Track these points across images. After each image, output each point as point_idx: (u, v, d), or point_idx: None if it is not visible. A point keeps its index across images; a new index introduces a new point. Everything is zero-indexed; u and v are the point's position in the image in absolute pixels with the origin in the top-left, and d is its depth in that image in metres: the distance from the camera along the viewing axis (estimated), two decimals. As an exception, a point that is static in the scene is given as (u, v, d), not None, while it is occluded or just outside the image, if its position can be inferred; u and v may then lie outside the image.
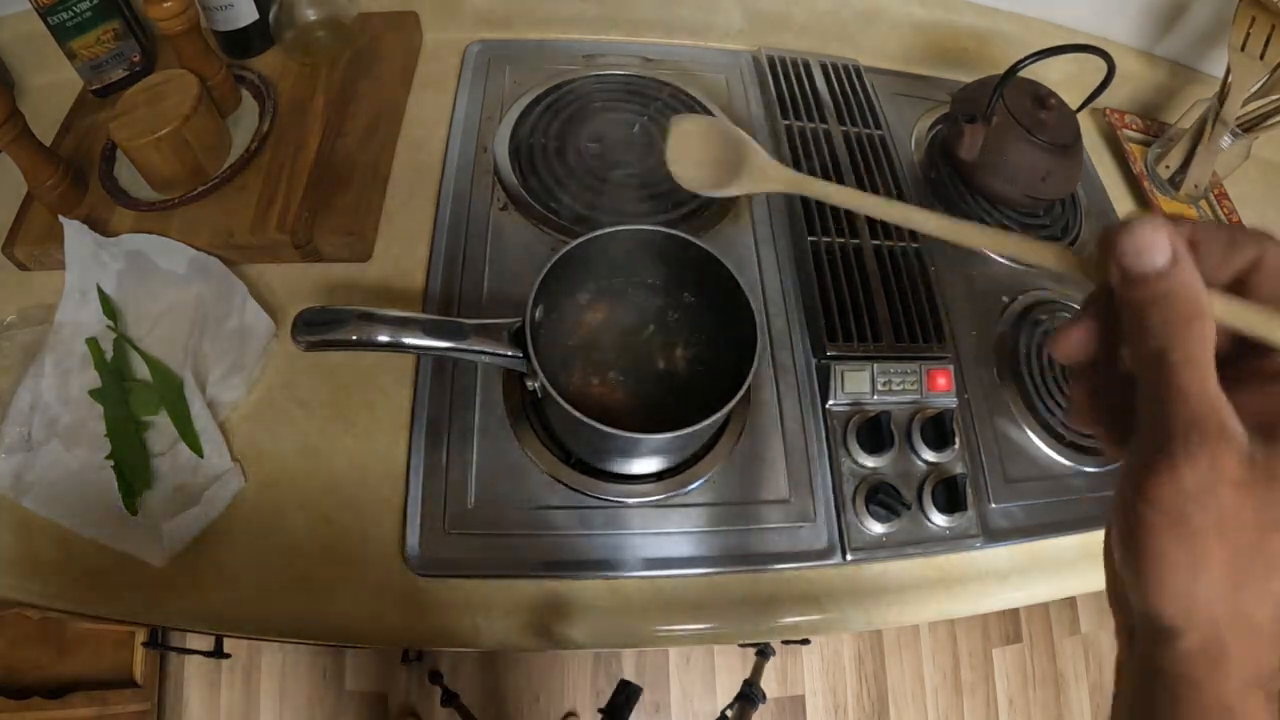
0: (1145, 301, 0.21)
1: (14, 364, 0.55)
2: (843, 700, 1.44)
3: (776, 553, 0.54)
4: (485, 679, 1.37)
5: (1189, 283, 0.21)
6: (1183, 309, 0.21)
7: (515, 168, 0.68)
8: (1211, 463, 0.21)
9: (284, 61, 0.69)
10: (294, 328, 0.44)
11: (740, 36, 0.82)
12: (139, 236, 0.57)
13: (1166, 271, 0.21)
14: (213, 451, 0.52)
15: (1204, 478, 0.21)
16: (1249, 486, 0.21)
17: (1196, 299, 0.21)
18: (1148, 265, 0.21)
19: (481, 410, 0.56)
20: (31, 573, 0.50)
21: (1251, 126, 0.74)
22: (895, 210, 0.29)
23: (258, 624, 0.49)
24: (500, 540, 0.52)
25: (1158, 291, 0.21)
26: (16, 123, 0.54)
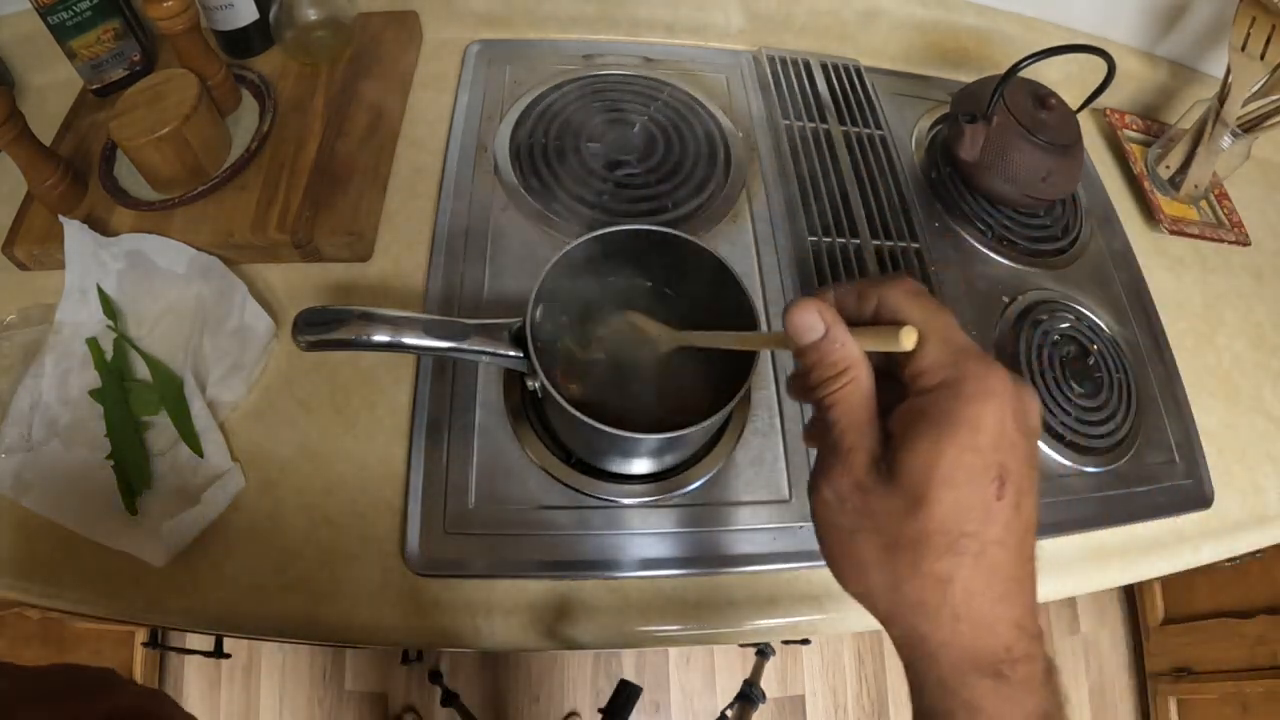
0: (809, 364, 0.28)
1: (14, 364, 0.55)
2: (843, 700, 1.44)
3: (777, 553, 0.54)
4: (485, 679, 1.37)
5: (833, 348, 0.27)
6: (830, 367, 0.27)
7: (515, 168, 0.68)
8: (843, 474, 0.27)
9: (284, 61, 0.69)
10: (294, 328, 0.44)
11: (740, 36, 0.82)
12: (139, 236, 0.57)
13: (818, 343, 0.28)
14: (213, 451, 0.52)
15: (839, 488, 0.27)
16: (875, 489, 0.26)
17: (842, 358, 0.27)
18: (806, 338, 0.28)
19: (481, 410, 0.56)
20: (31, 573, 0.50)
21: (1252, 127, 0.74)
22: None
23: (258, 624, 0.49)
24: (500, 540, 0.52)
25: (814, 358, 0.28)
26: (16, 122, 0.54)
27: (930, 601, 0.25)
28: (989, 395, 0.25)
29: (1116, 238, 0.77)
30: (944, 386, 0.26)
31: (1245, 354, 0.73)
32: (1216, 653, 1.26)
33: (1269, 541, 0.65)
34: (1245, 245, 0.80)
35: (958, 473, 0.24)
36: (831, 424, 0.28)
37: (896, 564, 0.26)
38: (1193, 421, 0.66)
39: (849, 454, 0.27)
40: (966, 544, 0.25)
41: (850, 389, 0.27)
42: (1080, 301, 0.70)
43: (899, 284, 0.28)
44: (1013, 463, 0.25)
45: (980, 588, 0.25)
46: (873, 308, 0.28)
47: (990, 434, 0.25)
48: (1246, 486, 0.65)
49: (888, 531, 0.26)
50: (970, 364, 0.26)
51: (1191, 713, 1.34)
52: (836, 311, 0.28)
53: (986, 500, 0.25)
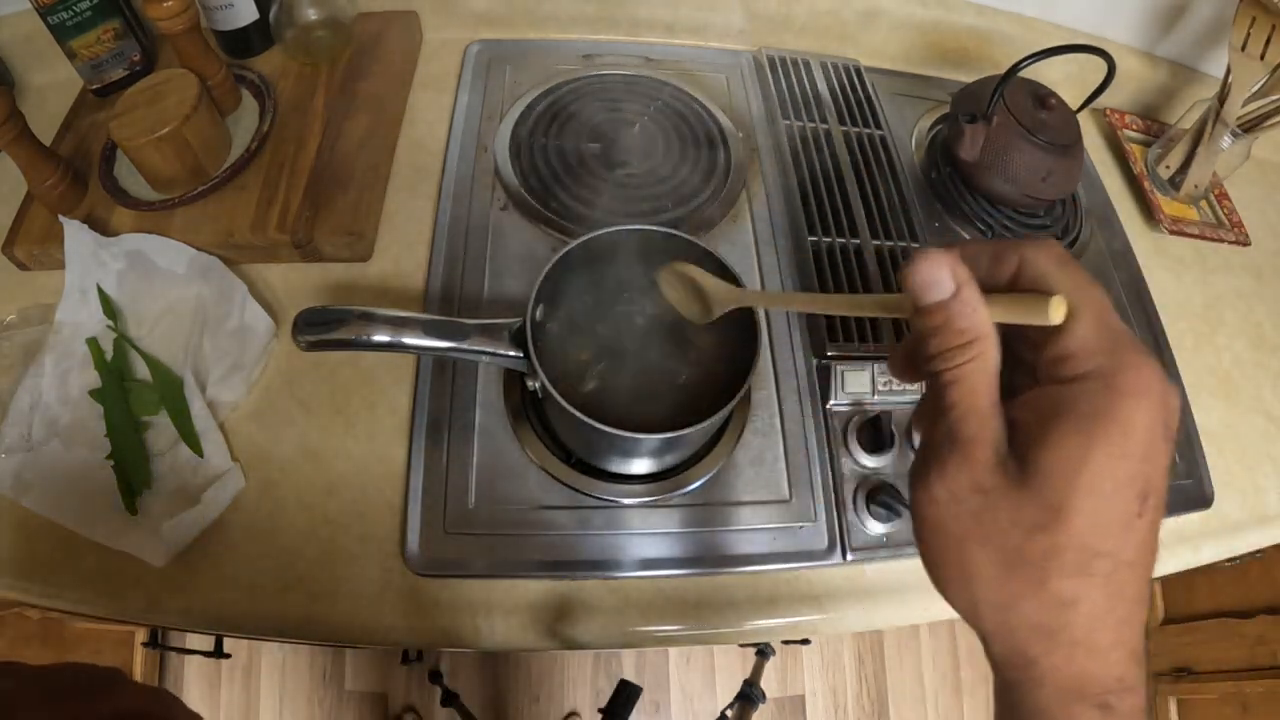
0: (930, 329, 0.23)
1: (14, 364, 0.55)
2: (843, 700, 1.44)
3: (777, 553, 0.54)
4: (485, 679, 1.37)
5: (964, 312, 0.23)
6: (957, 335, 0.23)
7: (515, 168, 0.68)
8: (961, 469, 0.23)
9: (284, 61, 0.69)
10: (294, 328, 0.44)
11: (740, 36, 0.82)
12: (139, 236, 0.57)
13: (945, 303, 0.23)
14: (213, 451, 0.52)
15: (955, 487, 0.23)
16: (1001, 493, 0.22)
17: (970, 326, 0.23)
18: (932, 298, 0.23)
19: (481, 410, 0.56)
20: (31, 573, 0.50)
21: (1252, 127, 0.74)
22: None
23: (258, 624, 0.49)
24: (500, 540, 0.52)
25: (938, 321, 0.23)
26: (16, 122, 0.54)
27: (1049, 624, 0.22)
28: (1145, 393, 0.21)
29: (1116, 238, 0.77)
30: (1094, 377, 0.22)
31: (1245, 354, 0.73)
32: (1216, 653, 1.26)
33: (1269, 541, 0.65)
34: (1245, 245, 0.80)
35: (1104, 482, 0.21)
36: (949, 406, 0.23)
37: (1015, 580, 0.23)
38: (1193, 421, 0.66)
39: (970, 446, 0.23)
40: (1100, 564, 0.22)
41: (976, 365, 0.23)
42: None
43: (1045, 247, 0.24)
44: (1158, 475, 0.22)
45: (1104, 612, 0.22)
46: (1010, 272, 0.24)
47: (1142, 440, 0.21)
48: (1246, 486, 0.65)
49: (1010, 542, 0.22)
50: (1127, 353, 0.22)
51: (1191, 713, 1.34)
52: (969, 270, 0.23)
53: (1128, 516, 0.22)
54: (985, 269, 0.24)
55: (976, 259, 0.24)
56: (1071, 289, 0.23)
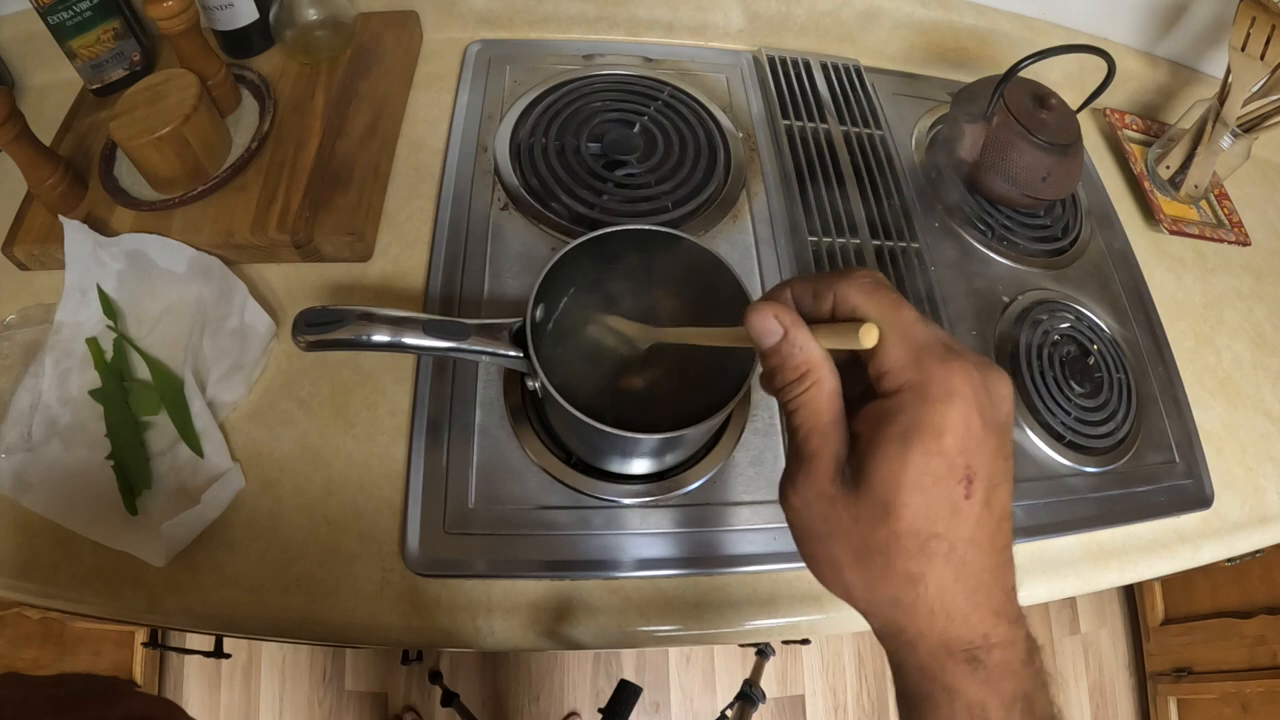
0: (770, 368, 0.28)
1: (14, 364, 0.55)
2: (843, 700, 1.45)
3: (777, 553, 0.54)
4: (485, 679, 1.37)
5: (793, 351, 0.27)
6: (792, 371, 0.27)
7: (515, 168, 0.68)
8: (808, 481, 0.27)
9: (284, 61, 0.69)
10: (294, 328, 0.44)
11: (740, 36, 0.82)
12: (139, 236, 0.57)
13: (778, 346, 0.27)
14: (213, 451, 0.52)
15: (805, 496, 0.27)
16: (842, 496, 0.26)
17: (803, 360, 0.27)
18: (766, 343, 0.28)
19: (481, 410, 0.56)
20: (31, 573, 0.50)
21: (1252, 127, 0.74)
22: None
23: (258, 624, 0.49)
24: (500, 540, 0.52)
25: (775, 362, 0.28)
26: (16, 122, 0.54)
27: (905, 598, 0.26)
28: (952, 397, 0.25)
29: (1116, 238, 0.77)
30: (907, 390, 0.25)
31: (1245, 354, 0.73)
32: (1216, 653, 1.26)
33: (1269, 541, 0.65)
34: (1245, 245, 0.80)
35: (924, 477, 0.25)
36: (795, 428, 0.27)
37: (869, 566, 0.26)
38: (1193, 421, 0.66)
39: (813, 460, 0.27)
40: (936, 545, 0.25)
41: (813, 392, 0.27)
42: (1080, 301, 0.70)
43: (855, 278, 0.27)
44: (980, 460, 0.25)
45: (952, 582, 0.25)
46: (829, 305, 0.28)
47: (956, 436, 0.25)
48: (1246, 486, 0.65)
49: (857, 536, 0.26)
50: (932, 364, 0.25)
51: (1191, 713, 1.34)
52: (795, 312, 0.28)
53: (954, 501, 0.25)
54: (809, 304, 0.28)
55: (801, 296, 0.28)
56: (879, 315, 0.26)
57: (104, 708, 0.30)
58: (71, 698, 0.30)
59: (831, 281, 0.28)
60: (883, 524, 0.25)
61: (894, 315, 0.26)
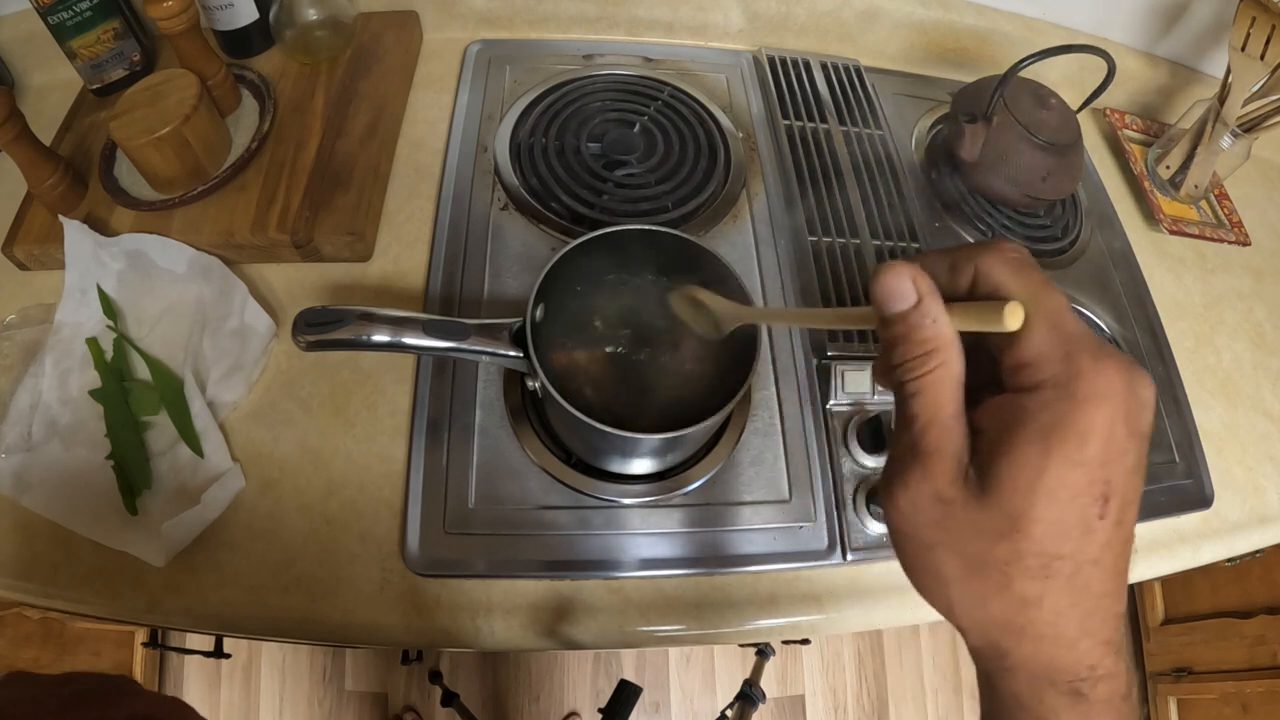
0: (893, 339, 0.24)
1: (14, 364, 0.55)
2: (843, 700, 1.44)
3: (777, 553, 0.54)
4: (485, 679, 1.37)
5: (924, 323, 0.23)
6: (918, 345, 0.23)
7: (515, 168, 0.68)
8: (923, 481, 0.24)
9: (284, 61, 0.69)
10: (294, 328, 0.44)
11: (740, 36, 0.82)
12: (139, 236, 0.57)
13: (907, 313, 0.23)
14: (213, 451, 0.52)
15: (917, 498, 0.24)
16: (962, 503, 0.23)
17: (933, 335, 0.23)
18: (894, 308, 0.24)
19: (481, 410, 0.56)
20: (31, 573, 0.50)
21: (1252, 127, 0.74)
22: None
23: (258, 624, 0.49)
24: (500, 540, 0.52)
25: (900, 331, 0.24)
26: (16, 122, 0.54)
27: (1015, 621, 0.24)
28: (1103, 398, 0.22)
29: (1116, 238, 0.77)
30: (1052, 385, 0.22)
31: (1245, 354, 0.73)
32: (1216, 653, 1.26)
33: (1269, 541, 0.65)
34: (1245, 245, 0.80)
35: (1061, 490, 0.22)
36: (912, 416, 0.24)
37: (981, 582, 0.24)
38: (1193, 421, 0.66)
39: (931, 457, 0.23)
40: (1061, 566, 0.22)
41: (938, 375, 0.23)
42: (1080, 301, 0.70)
43: (1000, 251, 0.24)
44: (1119, 475, 0.22)
45: (1068, 607, 0.23)
46: (968, 280, 0.24)
47: (1100, 445, 0.22)
48: (1246, 486, 0.65)
49: (973, 549, 0.23)
50: (1084, 358, 0.22)
51: (1191, 713, 1.34)
52: (931, 281, 0.24)
53: (1088, 519, 0.22)
54: (945, 278, 0.25)
55: (936, 268, 0.25)
56: (1027, 295, 0.23)
57: (111, 707, 0.30)
58: (79, 696, 0.30)
59: (973, 254, 0.24)
60: (1007, 539, 0.22)
61: (1044, 298, 0.23)
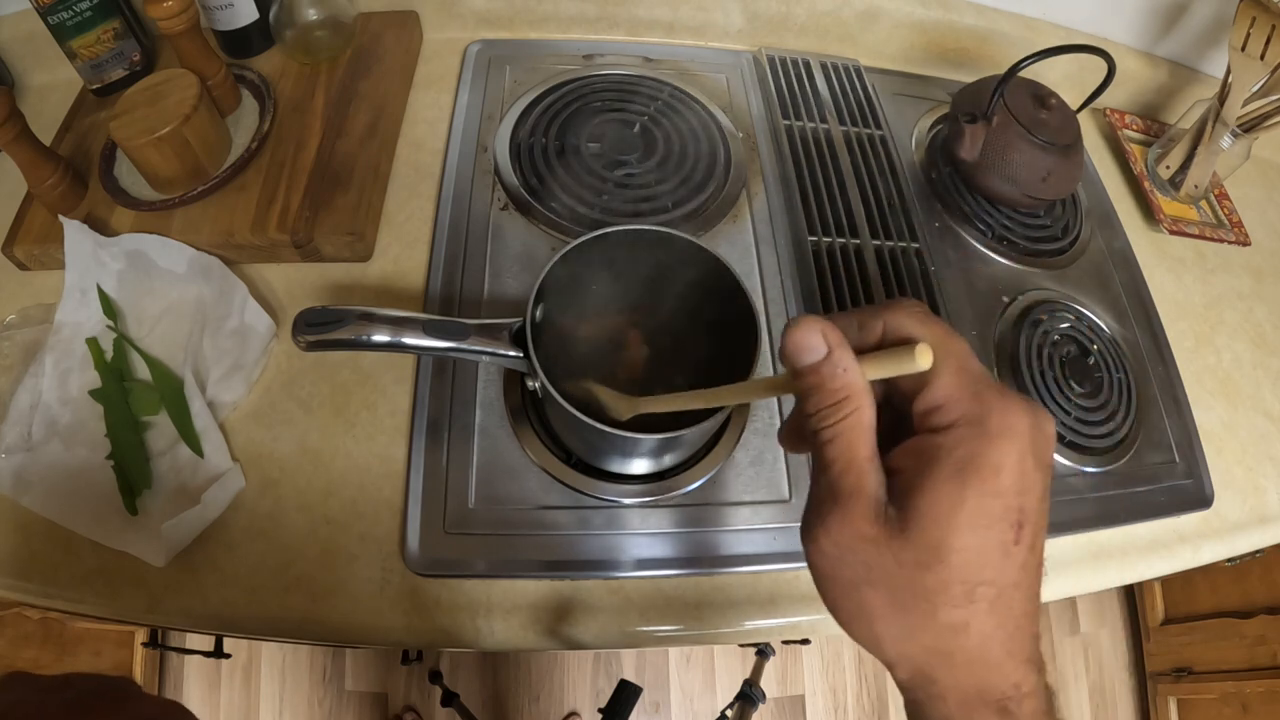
0: (807, 390, 0.25)
1: (14, 364, 0.55)
2: (843, 700, 1.45)
3: (777, 553, 0.54)
4: (485, 679, 1.37)
5: (835, 373, 0.24)
6: (830, 395, 0.24)
7: (515, 168, 0.68)
8: (843, 522, 0.25)
9: (284, 61, 0.69)
10: (294, 328, 0.44)
11: (740, 36, 0.82)
12: (139, 236, 0.57)
13: (818, 365, 0.24)
14: (213, 451, 0.52)
15: (839, 538, 0.25)
16: (885, 540, 0.24)
17: (845, 384, 0.24)
18: (804, 361, 0.25)
19: (481, 410, 0.56)
20: (31, 573, 0.50)
21: (1252, 127, 0.74)
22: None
23: (258, 624, 0.49)
24: (500, 540, 0.52)
25: (813, 383, 0.25)
26: (16, 122, 0.54)
27: (944, 648, 0.24)
28: (1012, 433, 0.23)
29: (1116, 238, 0.77)
30: (963, 424, 0.24)
31: (1245, 354, 0.73)
32: (1216, 653, 1.26)
33: (1269, 541, 0.65)
34: (1245, 245, 0.80)
35: (979, 519, 0.23)
36: (830, 462, 0.25)
37: (908, 615, 0.24)
38: (1193, 421, 0.66)
39: (850, 498, 0.25)
40: (984, 591, 0.24)
41: (852, 421, 0.24)
42: (1080, 301, 0.70)
43: (905, 307, 0.26)
44: (1031, 503, 0.24)
45: (993, 630, 0.24)
46: (877, 335, 0.26)
47: (1012, 476, 0.23)
48: (1246, 486, 0.65)
49: (898, 582, 0.24)
50: (992, 397, 0.24)
51: (1191, 713, 1.34)
52: (840, 333, 0.25)
53: (1005, 545, 0.23)
54: (854, 335, 0.26)
55: (846, 327, 0.26)
56: (934, 341, 0.24)
57: (113, 710, 0.30)
58: (80, 700, 0.30)
59: (879, 311, 0.26)
60: (930, 570, 0.23)
61: (950, 344, 0.25)
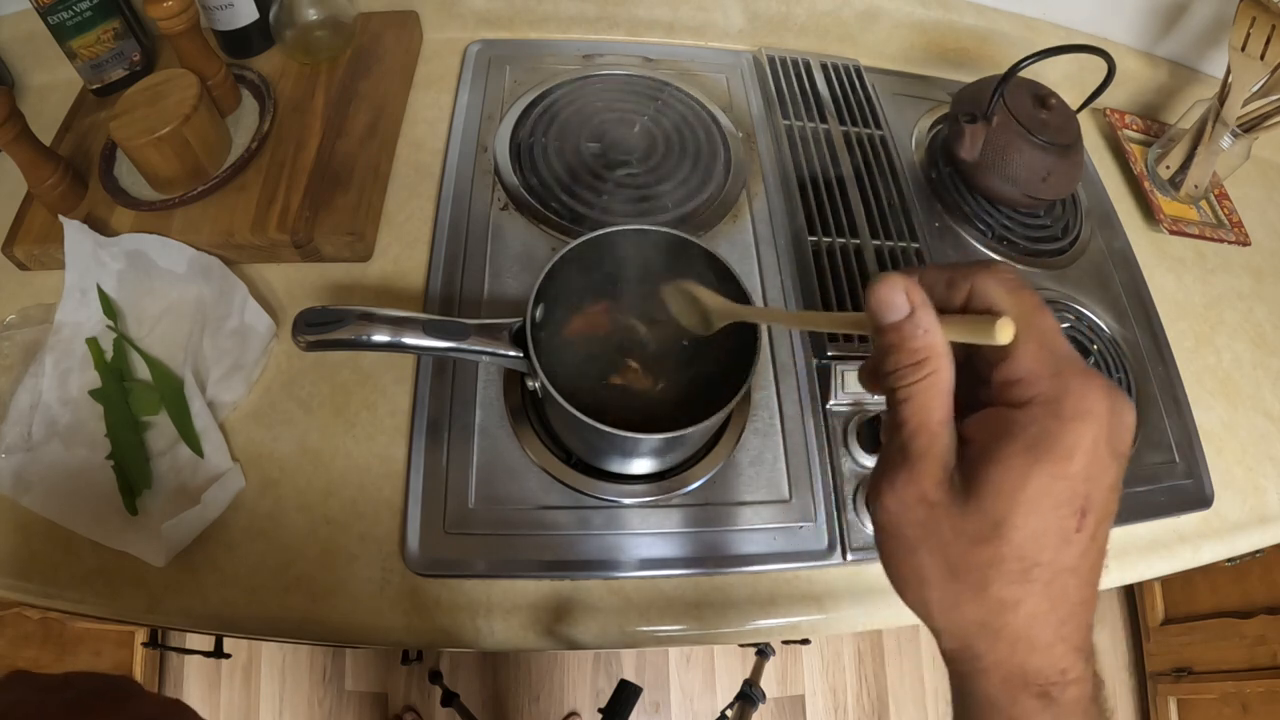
0: (886, 347, 0.25)
1: (14, 364, 0.55)
2: (843, 700, 1.44)
3: (777, 553, 0.54)
4: (485, 679, 1.37)
5: (916, 333, 0.24)
6: (910, 354, 0.24)
7: (515, 168, 0.68)
8: (910, 482, 0.25)
9: (284, 61, 0.69)
10: (294, 328, 0.44)
11: (740, 36, 0.82)
12: (139, 236, 0.57)
13: (900, 324, 0.25)
14: (213, 451, 0.52)
15: (905, 498, 0.25)
16: (946, 507, 0.24)
17: (925, 345, 0.24)
18: (888, 318, 0.25)
19: (481, 410, 0.56)
20: (31, 573, 0.50)
21: (1252, 127, 0.74)
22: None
23: (258, 624, 0.49)
24: (500, 540, 0.52)
25: (893, 340, 0.25)
26: (16, 122, 0.54)
27: (992, 624, 0.24)
28: (1088, 417, 0.23)
29: (1116, 238, 0.77)
30: (1040, 402, 0.24)
31: (1245, 354, 0.73)
32: (1216, 653, 1.26)
33: (1269, 541, 0.65)
34: (1245, 245, 0.80)
35: (1043, 500, 0.23)
36: (902, 422, 0.25)
37: (960, 585, 0.24)
38: (1193, 421, 0.66)
39: (918, 461, 0.25)
40: (1039, 573, 0.24)
41: (928, 383, 0.24)
42: (1080, 301, 0.70)
43: (997, 272, 0.25)
44: (1098, 491, 0.24)
45: (1045, 612, 0.24)
46: (963, 297, 0.26)
47: (1083, 461, 0.23)
48: (1246, 486, 0.65)
49: (955, 551, 0.24)
50: (1073, 379, 0.23)
51: (1191, 713, 1.34)
52: (924, 292, 0.25)
53: (1066, 530, 0.23)
54: (941, 293, 0.26)
55: (933, 283, 0.26)
56: (1020, 314, 0.24)
57: (114, 709, 0.30)
58: (81, 699, 0.30)
59: (970, 272, 0.26)
60: (988, 543, 0.23)
61: (1036, 318, 0.24)
